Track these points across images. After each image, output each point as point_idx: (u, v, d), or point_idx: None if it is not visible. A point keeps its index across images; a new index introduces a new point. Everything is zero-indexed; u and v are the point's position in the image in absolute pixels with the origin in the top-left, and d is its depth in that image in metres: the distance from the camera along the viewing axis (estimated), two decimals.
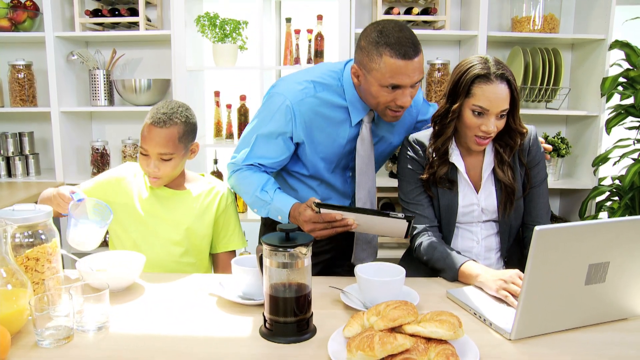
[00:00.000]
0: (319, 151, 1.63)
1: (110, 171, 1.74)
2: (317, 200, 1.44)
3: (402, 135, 1.74)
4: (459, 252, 1.50)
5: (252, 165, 1.63)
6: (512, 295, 1.28)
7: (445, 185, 1.59)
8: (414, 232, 1.61)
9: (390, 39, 1.42)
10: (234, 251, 1.78)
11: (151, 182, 1.64)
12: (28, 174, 2.86)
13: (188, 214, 1.67)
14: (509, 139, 1.56)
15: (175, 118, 1.59)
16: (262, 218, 1.85)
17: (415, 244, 1.59)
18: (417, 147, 1.62)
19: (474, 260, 1.46)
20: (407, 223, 1.38)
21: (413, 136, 1.64)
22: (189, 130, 1.63)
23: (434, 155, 1.58)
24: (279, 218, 1.57)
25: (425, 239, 1.56)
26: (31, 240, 1.21)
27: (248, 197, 1.62)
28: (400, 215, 1.35)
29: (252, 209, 1.65)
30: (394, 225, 1.40)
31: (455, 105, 1.50)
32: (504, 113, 1.49)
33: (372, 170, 1.66)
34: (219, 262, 1.77)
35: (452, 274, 1.45)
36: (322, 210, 1.42)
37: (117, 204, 1.64)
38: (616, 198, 2.62)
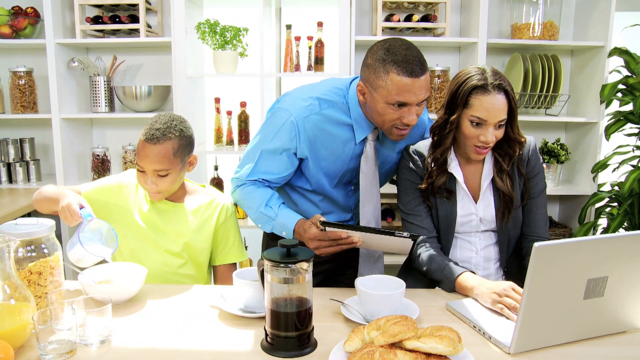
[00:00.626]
0: (323, 167, 1.63)
1: (113, 177, 1.72)
2: (323, 219, 1.44)
3: (401, 150, 1.73)
4: (456, 263, 1.51)
5: (256, 180, 1.63)
6: (508, 307, 1.28)
7: (443, 195, 1.60)
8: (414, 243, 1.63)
9: (398, 56, 1.42)
10: (234, 263, 1.77)
11: (151, 197, 1.64)
12: (29, 180, 2.87)
13: (187, 227, 1.67)
14: (507, 148, 1.57)
15: (169, 133, 1.56)
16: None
17: (414, 254, 1.60)
18: (416, 157, 1.63)
19: (472, 271, 1.47)
20: (412, 242, 1.39)
21: (412, 147, 1.65)
22: (185, 143, 1.60)
23: (432, 165, 1.59)
24: (284, 234, 1.57)
25: (423, 250, 1.57)
26: (34, 254, 1.22)
27: (252, 213, 1.62)
28: (405, 234, 1.36)
29: (257, 224, 1.64)
30: (399, 243, 1.41)
31: (454, 117, 1.51)
32: (502, 123, 1.49)
33: (377, 187, 1.66)
34: (218, 274, 1.77)
35: (450, 285, 1.46)
36: (328, 229, 1.43)
37: (117, 209, 1.64)
38: (615, 204, 2.63)
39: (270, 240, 1.81)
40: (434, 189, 1.59)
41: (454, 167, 1.60)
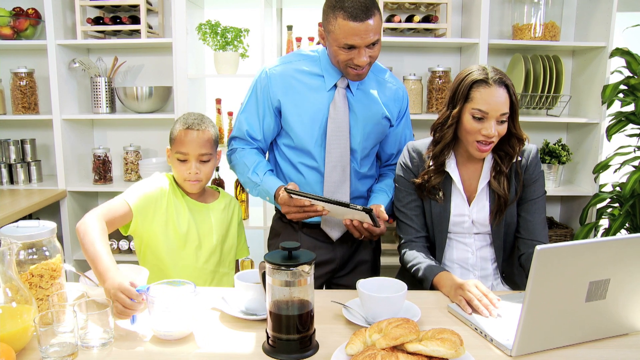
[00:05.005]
0: (301, 115, 1.69)
1: (150, 182, 1.65)
2: (290, 187, 1.57)
3: (381, 114, 1.75)
4: (438, 263, 1.56)
5: (244, 141, 1.77)
6: (470, 303, 1.32)
7: (436, 195, 1.61)
8: (401, 242, 1.67)
9: (345, 3, 1.53)
10: (237, 259, 1.85)
11: (191, 187, 1.67)
12: (30, 181, 2.87)
13: (219, 226, 1.73)
14: (508, 147, 1.57)
15: (206, 122, 1.68)
16: (270, 228, 1.91)
17: (401, 253, 1.64)
18: (413, 154, 1.65)
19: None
20: (367, 215, 1.47)
21: (411, 143, 1.68)
22: (216, 135, 1.72)
23: (430, 163, 1.60)
24: (267, 199, 1.71)
25: (409, 249, 1.61)
26: (35, 256, 1.21)
27: (242, 178, 1.77)
28: (359, 207, 1.46)
29: (246, 189, 1.80)
30: (358, 216, 1.50)
31: (455, 111, 1.52)
32: (504, 118, 1.50)
33: (346, 136, 1.70)
34: None
35: (428, 285, 1.50)
36: (293, 196, 1.57)
37: (161, 214, 1.61)
38: (617, 205, 2.63)
39: (272, 238, 1.89)
40: (428, 187, 1.60)
41: (452, 166, 1.60)
